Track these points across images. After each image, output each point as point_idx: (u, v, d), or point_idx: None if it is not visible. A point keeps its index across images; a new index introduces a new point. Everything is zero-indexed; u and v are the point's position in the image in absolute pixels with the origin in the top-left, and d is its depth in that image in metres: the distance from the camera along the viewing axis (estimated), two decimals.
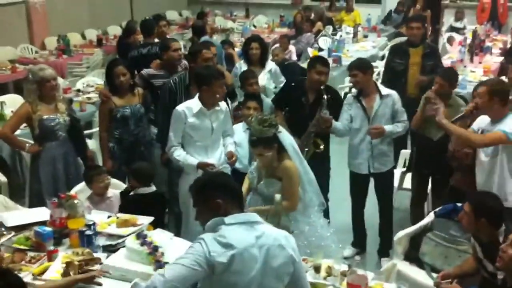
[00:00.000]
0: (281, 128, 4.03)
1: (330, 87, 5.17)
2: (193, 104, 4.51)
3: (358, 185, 5.13)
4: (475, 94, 4.18)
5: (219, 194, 2.74)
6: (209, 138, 4.59)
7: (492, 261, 3.25)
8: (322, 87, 4.94)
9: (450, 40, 10.93)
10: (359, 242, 5.25)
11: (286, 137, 4.06)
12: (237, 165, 4.86)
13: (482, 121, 4.21)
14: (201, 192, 2.82)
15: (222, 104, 4.67)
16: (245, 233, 2.66)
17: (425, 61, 6.27)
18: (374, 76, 7.24)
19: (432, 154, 4.88)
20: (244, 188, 4.15)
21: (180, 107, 4.52)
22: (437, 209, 4.09)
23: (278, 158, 3.96)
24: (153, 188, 4.45)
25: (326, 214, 4.71)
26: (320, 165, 4.85)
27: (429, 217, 4.10)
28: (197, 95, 4.55)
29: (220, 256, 2.56)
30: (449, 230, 3.83)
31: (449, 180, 4.70)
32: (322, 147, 4.92)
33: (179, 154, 4.52)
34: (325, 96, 4.88)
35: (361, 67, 4.81)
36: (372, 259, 5.13)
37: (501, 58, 9.03)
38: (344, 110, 4.98)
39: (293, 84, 5.38)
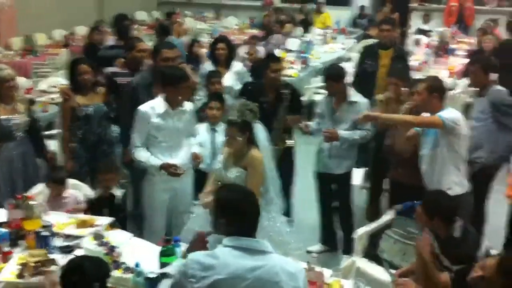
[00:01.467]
0: (258, 122, 4.09)
1: (288, 83, 5.26)
2: (157, 104, 4.46)
3: (319, 182, 5.20)
4: (414, 91, 4.27)
5: (226, 215, 2.61)
6: (174, 138, 4.54)
7: (448, 256, 3.32)
8: (278, 84, 5.05)
9: (417, 42, 11.06)
10: (328, 240, 5.28)
11: (260, 132, 4.09)
12: (200, 165, 4.85)
13: None
14: (214, 206, 2.73)
15: (187, 105, 4.64)
16: (237, 260, 2.49)
17: (394, 64, 6.32)
18: None
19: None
20: (211, 181, 4.19)
21: (143, 107, 4.46)
22: (396, 207, 4.14)
23: (246, 149, 3.98)
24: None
25: (289, 212, 4.75)
26: (285, 165, 4.88)
27: (389, 215, 4.15)
28: (162, 95, 4.52)
29: (198, 282, 2.46)
30: (407, 227, 3.90)
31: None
32: (291, 142, 4.96)
33: (142, 155, 4.46)
34: (285, 91, 4.97)
35: (334, 77, 4.87)
36: (338, 256, 5.16)
37: (467, 60, 9.19)
38: (317, 109, 5.11)
39: (249, 87, 5.42)
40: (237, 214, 2.60)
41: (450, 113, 4.09)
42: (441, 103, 4.17)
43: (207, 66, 6.37)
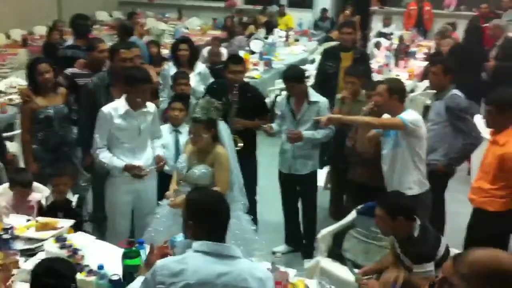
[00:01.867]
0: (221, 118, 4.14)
1: (249, 84, 5.33)
2: (119, 105, 4.42)
3: (282, 183, 5.23)
4: (374, 93, 4.35)
5: (196, 218, 2.58)
6: (136, 139, 4.50)
7: (409, 256, 3.38)
8: (235, 85, 5.08)
9: (377, 45, 11.22)
10: (293, 240, 5.31)
11: (224, 129, 4.13)
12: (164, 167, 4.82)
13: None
14: (185, 209, 2.69)
15: (150, 106, 4.60)
16: (207, 265, 2.46)
17: (355, 66, 6.39)
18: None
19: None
20: (174, 181, 4.20)
21: (105, 108, 4.41)
22: (359, 207, 4.20)
23: (211, 146, 4.01)
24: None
25: (253, 212, 4.76)
26: (248, 164, 4.88)
27: (352, 215, 4.21)
28: (124, 95, 4.48)
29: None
30: (370, 227, 3.95)
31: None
32: (240, 145, 4.94)
33: (104, 156, 4.40)
34: (235, 92, 5.04)
35: (296, 78, 4.90)
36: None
37: (426, 63, 9.39)
38: (277, 110, 5.12)
39: (214, 86, 5.45)
40: (207, 217, 2.58)
41: (410, 115, 4.15)
42: (402, 104, 4.24)
43: (171, 67, 6.34)
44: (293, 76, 4.97)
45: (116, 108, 4.40)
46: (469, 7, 13.38)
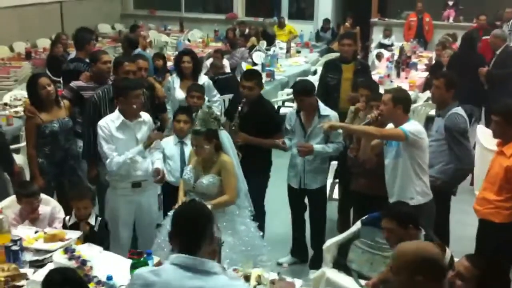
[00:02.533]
0: (222, 128, 4.22)
1: (263, 100, 5.30)
2: (114, 117, 4.51)
3: (292, 197, 5.24)
4: (375, 103, 4.36)
5: (174, 230, 2.56)
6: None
7: None
8: (244, 100, 5.09)
9: (378, 56, 11.30)
10: (298, 252, 5.32)
11: (226, 138, 4.20)
12: (170, 178, 4.86)
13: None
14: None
15: (145, 116, 4.67)
16: (179, 279, 2.40)
17: (356, 77, 6.40)
18: None
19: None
20: (182, 190, 4.27)
21: (102, 122, 4.51)
22: (363, 218, 4.22)
23: (216, 155, 4.09)
24: None
25: (261, 222, 4.79)
26: (257, 175, 4.92)
27: (356, 226, 4.23)
28: (117, 108, 4.56)
29: None
30: (375, 237, 3.96)
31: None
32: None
33: (119, 158, 4.43)
34: (242, 106, 5.06)
35: (306, 91, 4.91)
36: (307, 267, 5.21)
37: (426, 74, 9.45)
38: (286, 124, 5.12)
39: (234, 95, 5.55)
40: (182, 230, 2.52)
41: (412, 126, 4.18)
42: (406, 115, 4.26)
43: (174, 79, 6.40)
44: (302, 89, 4.98)
45: (112, 120, 4.49)
46: (468, 18, 13.48)
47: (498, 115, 4.13)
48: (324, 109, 4.97)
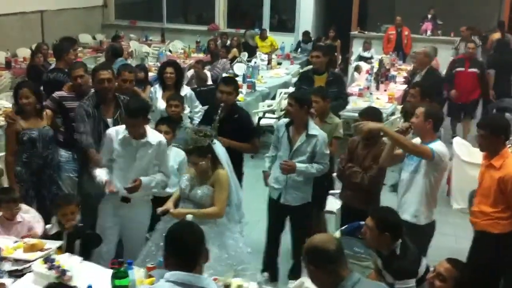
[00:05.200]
0: (216, 140, 4.25)
1: (237, 106, 5.45)
2: (120, 130, 4.53)
3: (271, 209, 5.14)
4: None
5: (167, 249, 2.63)
6: (131, 167, 4.53)
7: (390, 272, 3.47)
8: (222, 104, 5.19)
9: (358, 69, 11.43)
10: (270, 268, 5.18)
11: (220, 149, 4.26)
12: (168, 189, 4.83)
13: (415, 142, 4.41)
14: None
15: (154, 139, 4.55)
16: None
17: (328, 88, 6.38)
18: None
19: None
20: (173, 197, 4.33)
21: (110, 130, 4.61)
22: (342, 227, 4.28)
23: (212, 167, 4.16)
24: None
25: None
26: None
27: (335, 235, 4.27)
28: None
29: None
30: (353, 247, 4.02)
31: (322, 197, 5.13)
32: None
33: (99, 171, 4.53)
34: (216, 117, 5.14)
35: (300, 99, 4.81)
36: (285, 277, 5.22)
37: (405, 86, 9.58)
38: (275, 133, 5.10)
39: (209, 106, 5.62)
40: (176, 249, 2.61)
41: (440, 148, 4.23)
42: (434, 132, 4.31)
43: (157, 89, 6.41)
44: (297, 96, 4.87)
45: (117, 131, 4.52)
46: (446, 32, 13.74)
47: (484, 128, 4.16)
48: (313, 129, 4.85)
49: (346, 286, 2.77)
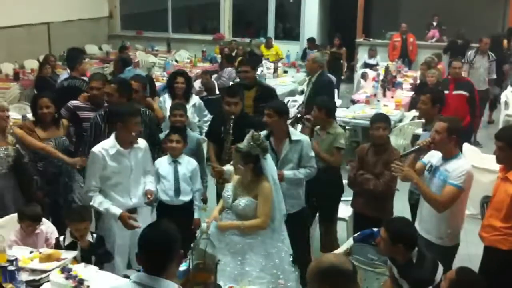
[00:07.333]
0: (268, 156, 4.20)
1: (246, 116, 5.42)
2: (109, 145, 4.44)
3: None
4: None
5: (140, 251, 2.67)
6: (128, 178, 4.55)
7: (407, 280, 3.48)
8: (232, 117, 5.22)
9: (364, 76, 11.45)
10: None
11: (269, 166, 4.22)
12: (163, 197, 4.90)
13: (434, 156, 4.30)
14: None
15: (141, 142, 4.64)
16: None
17: (257, 102, 6.09)
18: (295, 110, 7.54)
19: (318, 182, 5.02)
20: (218, 207, 4.33)
21: (96, 149, 4.43)
22: (355, 235, 4.29)
23: (256, 179, 4.13)
24: None
25: None
26: None
27: (348, 243, 4.29)
28: (113, 134, 4.52)
29: None
30: (367, 254, 4.04)
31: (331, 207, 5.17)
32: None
33: (100, 201, 4.43)
34: (230, 123, 5.21)
35: (278, 110, 4.79)
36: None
37: (412, 93, 9.61)
38: None
39: (214, 116, 5.61)
40: (145, 251, 2.65)
41: (465, 166, 4.07)
42: (456, 147, 4.18)
43: (166, 99, 6.46)
44: (275, 106, 4.84)
45: (106, 148, 4.43)
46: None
47: (501, 140, 4.01)
48: (295, 134, 4.86)
49: None
